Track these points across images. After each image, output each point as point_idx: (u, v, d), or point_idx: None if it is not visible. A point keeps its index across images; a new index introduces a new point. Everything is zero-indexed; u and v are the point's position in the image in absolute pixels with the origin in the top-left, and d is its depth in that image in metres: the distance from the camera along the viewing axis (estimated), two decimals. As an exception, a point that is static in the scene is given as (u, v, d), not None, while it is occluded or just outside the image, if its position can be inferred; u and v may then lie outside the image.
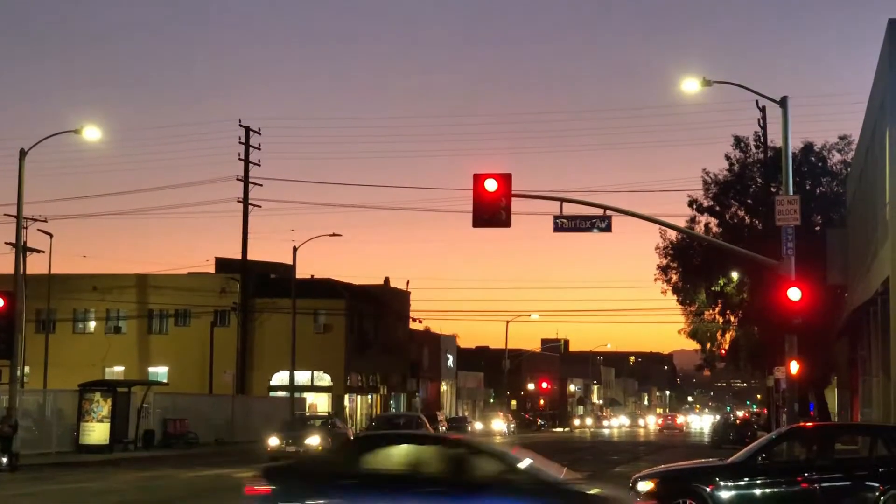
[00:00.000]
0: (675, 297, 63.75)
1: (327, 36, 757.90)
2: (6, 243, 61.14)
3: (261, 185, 72.51)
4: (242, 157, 72.14)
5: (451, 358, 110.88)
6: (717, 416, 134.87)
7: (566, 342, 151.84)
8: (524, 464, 14.02)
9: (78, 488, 29.49)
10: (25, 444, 44.19)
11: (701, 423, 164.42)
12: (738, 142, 58.72)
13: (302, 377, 75.01)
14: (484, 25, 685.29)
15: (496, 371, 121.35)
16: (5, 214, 48.16)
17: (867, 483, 19.12)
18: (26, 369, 55.63)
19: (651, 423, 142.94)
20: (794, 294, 28.09)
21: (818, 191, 57.36)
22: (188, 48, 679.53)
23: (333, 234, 69.10)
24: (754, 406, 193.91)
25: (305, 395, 75.44)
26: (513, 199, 28.34)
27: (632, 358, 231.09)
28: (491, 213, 28.13)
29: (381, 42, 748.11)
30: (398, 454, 14.47)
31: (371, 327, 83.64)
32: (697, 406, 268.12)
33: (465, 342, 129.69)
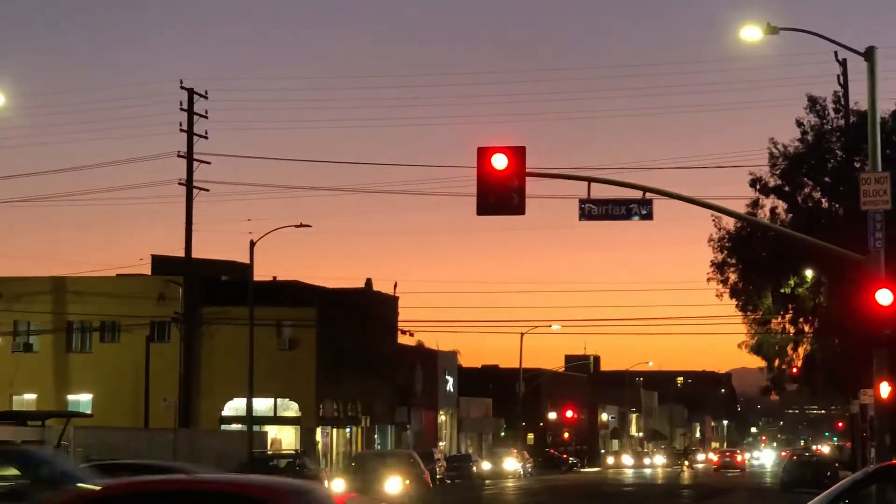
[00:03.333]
0: (733, 302, 63.78)
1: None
2: None
3: (208, 163, 72.38)
4: (185, 127, 71.95)
5: (450, 380, 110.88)
6: (788, 452, 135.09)
7: (596, 359, 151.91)
8: None
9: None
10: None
11: (767, 460, 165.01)
12: (813, 104, 58.73)
13: (262, 406, 74.98)
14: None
15: (508, 396, 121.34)
16: None
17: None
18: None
19: (658, 461, 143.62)
20: (885, 297, 28.09)
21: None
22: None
23: (301, 226, 69.08)
24: (835, 438, 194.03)
25: (267, 428, 75.42)
26: (527, 178, 28.33)
27: (680, 379, 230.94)
28: (500, 196, 28.12)
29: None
30: None
31: (349, 342, 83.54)
32: (764, 438, 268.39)
33: (468, 360, 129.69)
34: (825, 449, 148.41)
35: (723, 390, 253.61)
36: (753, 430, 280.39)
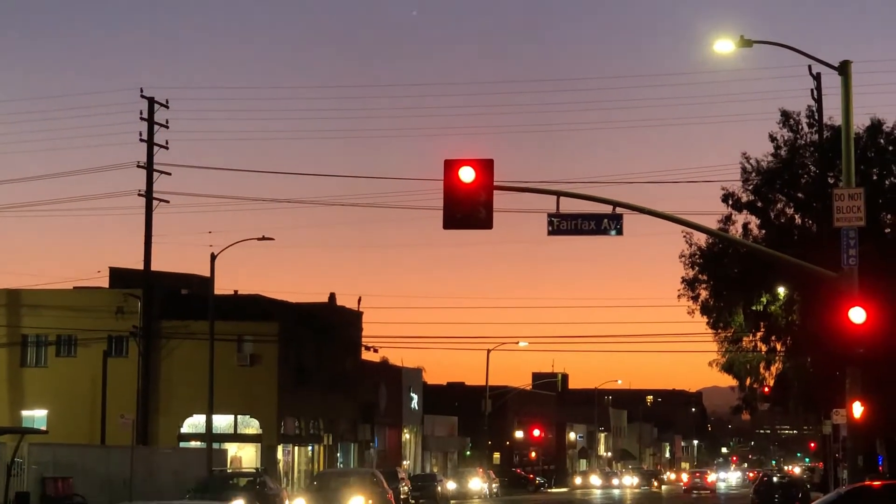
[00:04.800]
0: (704, 319, 63.90)
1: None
2: None
3: (169, 174, 72.27)
4: (145, 137, 71.82)
5: (415, 398, 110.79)
6: (756, 472, 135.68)
7: (564, 377, 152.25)
8: None
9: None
10: None
11: (732, 480, 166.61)
12: (787, 118, 58.94)
13: (222, 422, 74.77)
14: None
15: (474, 414, 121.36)
16: None
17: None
18: None
19: (627, 482, 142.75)
20: (858, 315, 28.22)
21: (888, 182, 57.64)
22: (74, 4, 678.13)
23: (263, 238, 68.81)
24: (807, 459, 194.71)
25: (227, 445, 75.15)
26: (495, 192, 28.38)
27: (649, 398, 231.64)
28: (467, 210, 28.17)
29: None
30: None
31: (312, 358, 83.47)
32: (735, 458, 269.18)
33: (433, 377, 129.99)
34: (797, 470, 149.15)
35: (693, 409, 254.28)
36: (724, 450, 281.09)
